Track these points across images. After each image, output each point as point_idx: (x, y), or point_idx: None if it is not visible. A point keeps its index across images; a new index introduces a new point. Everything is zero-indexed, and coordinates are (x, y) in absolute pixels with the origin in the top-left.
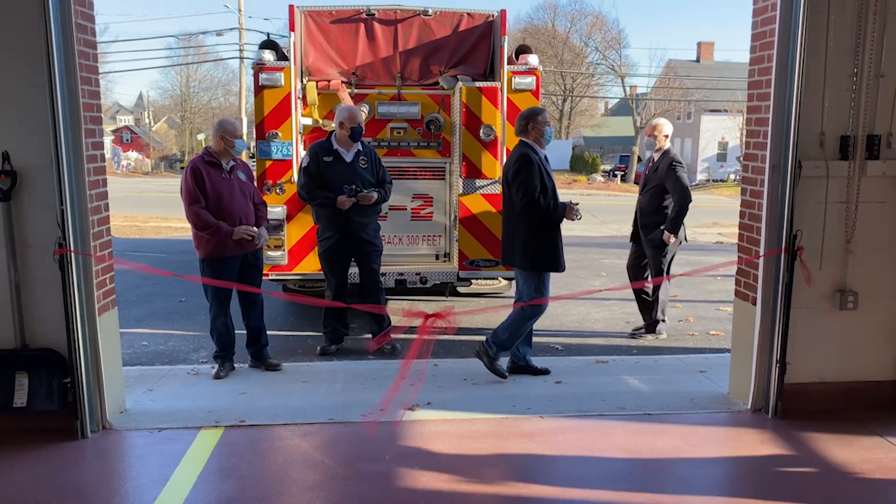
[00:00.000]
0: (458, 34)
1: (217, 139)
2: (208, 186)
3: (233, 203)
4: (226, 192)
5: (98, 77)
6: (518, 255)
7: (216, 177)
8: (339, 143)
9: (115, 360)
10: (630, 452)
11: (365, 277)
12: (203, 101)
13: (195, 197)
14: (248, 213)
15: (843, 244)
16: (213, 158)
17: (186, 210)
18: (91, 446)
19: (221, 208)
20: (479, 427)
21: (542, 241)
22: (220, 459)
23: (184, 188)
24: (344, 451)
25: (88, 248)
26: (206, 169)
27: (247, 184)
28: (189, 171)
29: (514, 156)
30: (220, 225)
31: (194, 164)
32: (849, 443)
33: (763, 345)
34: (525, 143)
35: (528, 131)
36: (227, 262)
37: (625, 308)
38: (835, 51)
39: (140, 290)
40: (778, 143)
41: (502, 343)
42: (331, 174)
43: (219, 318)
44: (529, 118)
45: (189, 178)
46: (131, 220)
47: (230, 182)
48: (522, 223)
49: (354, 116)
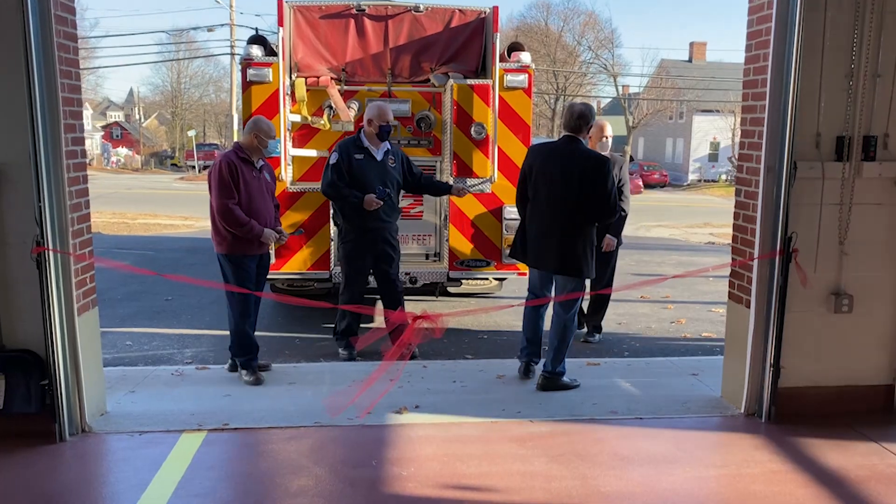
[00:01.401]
0: (450, 31)
1: (251, 136)
2: (242, 183)
3: (262, 204)
4: (256, 191)
5: (79, 71)
6: (571, 261)
7: (248, 175)
8: (369, 141)
9: (95, 361)
10: (621, 458)
11: (385, 282)
12: (194, 98)
13: (230, 191)
14: (271, 214)
15: (837, 246)
16: (245, 155)
17: (217, 204)
18: (70, 450)
19: (252, 207)
20: (468, 431)
21: (593, 246)
22: (201, 464)
23: (216, 181)
24: (330, 455)
25: (67, 247)
26: (239, 165)
27: (271, 184)
28: (224, 164)
29: (589, 154)
30: (253, 223)
31: (229, 158)
32: (843, 448)
33: (757, 348)
34: (579, 140)
35: (581, 130)
36: (250, 261)
37: (616, 309)
38: (831, 50)
39: (126, 288)
40: (773, 144)
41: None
42: (361, 172)
43: (245, 320)
44: (587, 118)
45: (225, 171)
46: (120, 217)
47: (259, 181)
48: (586, 228)
49: (384, 114)
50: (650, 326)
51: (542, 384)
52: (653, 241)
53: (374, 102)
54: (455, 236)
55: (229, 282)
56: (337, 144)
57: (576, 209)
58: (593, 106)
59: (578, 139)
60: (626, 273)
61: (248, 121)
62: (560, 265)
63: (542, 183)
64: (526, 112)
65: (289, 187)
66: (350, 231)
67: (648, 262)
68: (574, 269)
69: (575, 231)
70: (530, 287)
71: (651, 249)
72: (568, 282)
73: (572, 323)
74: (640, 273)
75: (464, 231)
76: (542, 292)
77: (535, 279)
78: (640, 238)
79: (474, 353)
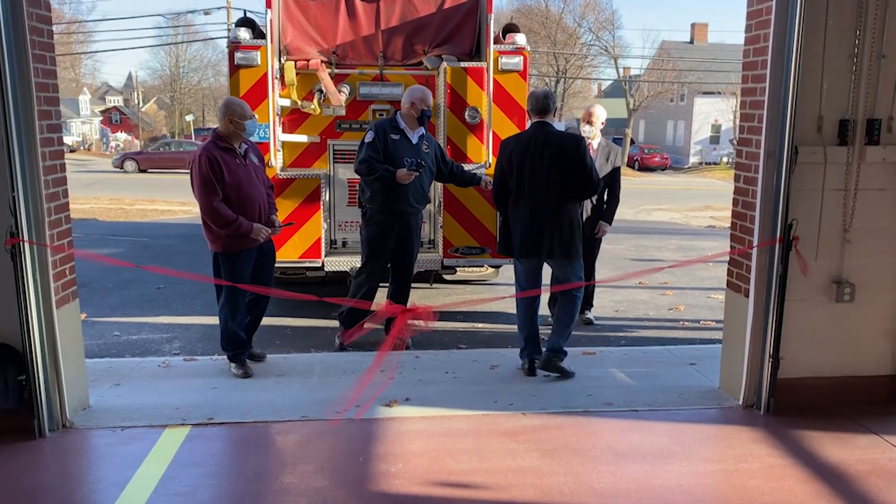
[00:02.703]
0: (443, 12)
1: (225, 122)
2: (227, 175)
3: (252, 190)
4: (244, 180)
5: (54, 55)
6: (567, 245)
7: (232, 164)
8: (406, 123)
9: (76, 354)
10: (616, 453)
11: (399, 271)
12: (193, 82)
13: (212, 188)
14: (264, 199)
15: (840, 233)
16: (226, 143)
17: (203, 203)
18: (49, 446)
19: (242, 198)
20: (459, 425)
21: (579, 226)
22: (184, 461)
23: (197, 178)
24: (316, 451)
25: (44, 238)
26: (221, 156)
27: (259, 167)
28: (204, 159)
29: (563, 137)
30: (241, 221)
31: (208, 151)
32: (844, 442)
33: (755, 339)
34: (549, 123)
35: (550, 111)
36: (244, 255)
37: (613, 296)
38: (834, 30)
39: (117, 276)
40: (774, 128)
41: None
42: (396, 153)
43: (235, 317)
44: (553, 97)
45: (204, 167)
46: (117, 203)
47: (246, 168)
48: (574, 210)
49: (426, 98)
50: (648, 314)
51: (545, 363)
52: (652, 225)
53: (416, 86)
54: (449, 223)
55: (226, 277)
56: (373, 123)
57: (562, 191)
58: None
59: (548, 122)
60: (624, 258)
61: (219, 106)
62: (557, 249)
63: (525, 173)
64: (521, 95)
65: (279, 174)
66: (377, 213)
67: (648, 246)
68: (572, 249)
69: (563, 213)
70: (521, 282)
71: (650, 234)
72: (566, 265)
73: (580, 300)
74: (639, 258)
75: (458, 218)
76: (534, 285)
77: (525, 273)
78: (639, 222)
79: (469, 343)
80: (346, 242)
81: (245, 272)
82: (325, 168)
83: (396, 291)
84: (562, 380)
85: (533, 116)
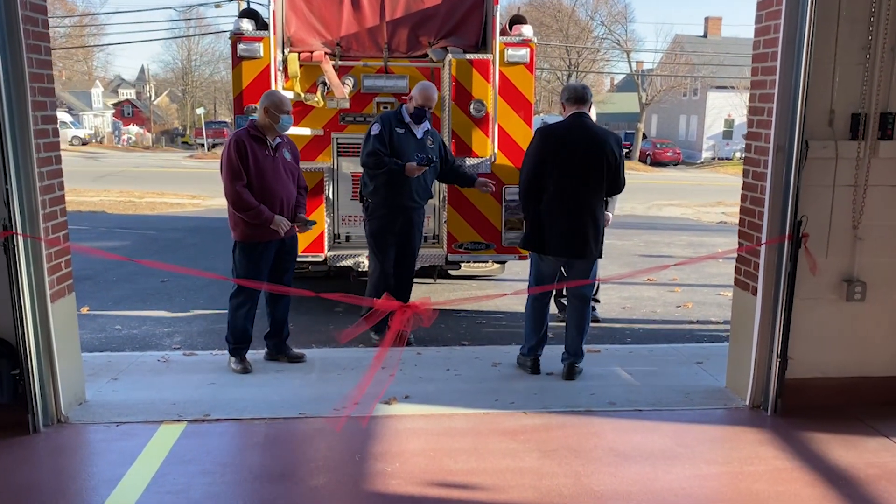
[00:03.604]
0: (449, 3)
1: (262, 113)
2: (251, 163)
3: (276, 183)
4: (269, 171)
5: (49, 45)
6: (601, 245)
7: (260, 153)
8: (410, 117)
9: (71, 349)
10: (618, 454)
11: (402, 268)
12: (205, 75)
13: (238, 173)
14: (291, 196)
15: (851, 231)
16: (259, 133)
17: (227, 186)
18: (42, 442)
19: (264, 188)
20: (458, 423)
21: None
22: (178, 459)
23: (225, 162)
24: (312, 450)
25: (38, 231)
26: (250, 143)
27: (291, 164)
28: (233, 143)
29: (605, 132)
30: (262, 209)
31: (238, 137)
32: (853, 444)
33: (763, 338)
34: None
35: (589, 101)
36: (264, 247)
37: (621, 293)
38: (847, 20)
39: (122, 269)
40: (784, 122)
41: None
42: (401, 146)
43: (243, 308)
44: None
45: (232, 152)
46: (127, 196)
47: (274, 161)
48: (601, 209)
49: (427, 98)
50: (655, 311)
51: (570, 371)
52: (663, 221)
53: (423, 83)
54: (453, 219)
55: (238, 268)
56: (378, 116)
57: (600, 187)
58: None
59: (587, 114)
60: (633, 254)
61: (262, 95)
62: (591, 248)
63: (567, 168)
64: (528, 88)
65: None
66: (379, 207)
67: (657, 242)
68: (600, 249)
69: (598, 211)
70: (540, 279)
71: (661, 229)
72: (588, 264)
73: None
74: (648, 254)
75: (463, 213)
76: (551, 282)
77: (549, 270)
78: (650, 217)
79: (471, 340)
80: (349, 237)
81: (262, 266)
82: (329, 161)
83: (398, 287)
84: (561, 378)
85: (570, 107)
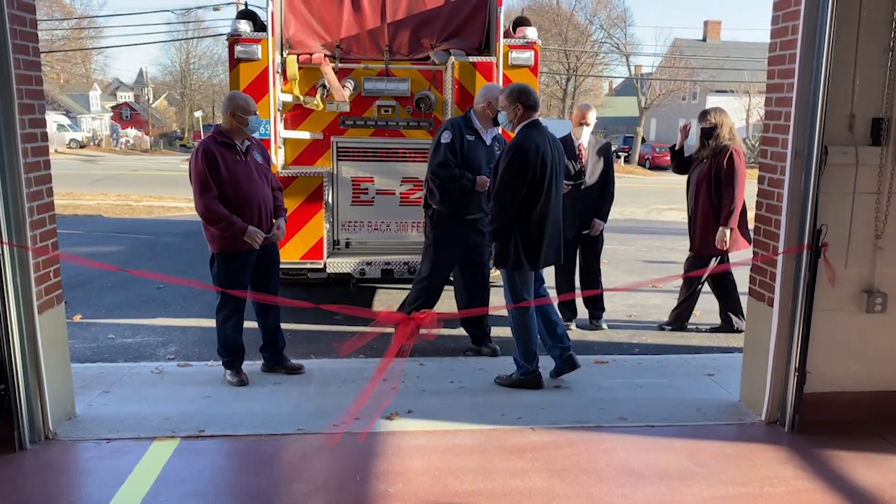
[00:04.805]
0: (451, 4)
1: (227, 117)
2: (223, 171)
3: (252, 189)
4: (243, 177)
5: (37, 46)
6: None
7: (231, 159)
8: (480, 123)
9: (60, 362)
10: (631, 474)
11: (476, 276)
12: (203, 78)
13: (207, 185)
14: (268, 199)
15: (871, 240)
16: (226, 138)
17: (196, 199)
18: (29, 460)
19: (239, 195)
20: (464, 440)
21: None
22: (170, 478)
23: (193, 174)
24: (311, 468)
25: (25, 239)
26: (219, 151)
27: (263, 166)
28: (200, 154)
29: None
30: (233, 220)
31: (206, 145)
32: (876, 463)
33: (780, 351)
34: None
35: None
36: (243, 257)
37: (627, 300)
38: (868, 21)
39: (118, 275)
40: (802, 126)
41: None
42: (470, 154)
43: (230, 321)
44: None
45: (200, 163)
46: (124, 199)
47: (246, 165)
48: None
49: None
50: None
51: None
52: (664, 225)
53: (492, 84)
54: None
55: (219, 280)
56: (447, 122)
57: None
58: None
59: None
60: (636, 259)
61: (224, 99)
62: (561, 255)
63: (553, 175)
64: None
65: (280, 171)
66: (445, 217)
67: (660, 247)
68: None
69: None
70: (527, 294)
71: (662, 234)
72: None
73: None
74: (651, 260)
75: None
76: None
77: (530, 283)
78: (651, 222)
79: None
80: (349, 243)
81: (242, 276)
82: (329, 166)
83: (474, 296)
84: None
85: (529, 112)
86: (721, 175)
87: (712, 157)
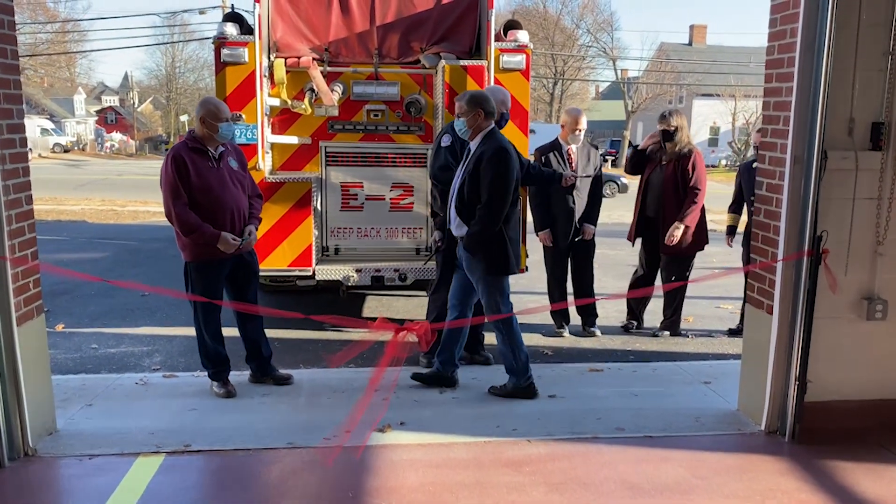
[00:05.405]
0: (441, 7)
1: (198, 123)
2: (194, 178)
3: (224, 195)
4: (215, 184)
5: (16, 48)
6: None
7: (202, 165)
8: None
9: (40, 375)
10: (630, 487)
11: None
12: (189, 82)
13: (177, 192)
14: (242, 207)
15: (872, 246)
16: (198, 144)
17: (167, 206)
18: (8, 479)
19: (211, 202)
20: (458, 454)
21: None
22: (154, 496)
23: (164, 180)
24: (301, 485)
25: (2, 249)
26: (190, 157)
27: (239, 172)
28: (171, 160)
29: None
30: (204, 228)
31: (177, 151)
32: (879, 474)
33: (780, 359)
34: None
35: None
36: (217, 266)
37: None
38: (868, 25)
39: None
40: (801, 131)
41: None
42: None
43: (207, 331)
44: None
45: (170, 169)
46: (109, 204)
47: (219, 171)
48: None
49: (507, 101)
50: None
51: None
52: None
53: (496, 86)
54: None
55: (194, 289)
56: (447, 126)
57: None
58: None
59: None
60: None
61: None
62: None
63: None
64: (524, 96)
65: (267, 177)
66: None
67: None
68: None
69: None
70: (508, 297)
71: None
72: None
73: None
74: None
75: None
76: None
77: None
78: None
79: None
80: (338, 249)
81: (216, 285)
82: (317, 171)
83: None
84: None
85: (490, 119)
86: (687, 178)
87: (676, 160)
